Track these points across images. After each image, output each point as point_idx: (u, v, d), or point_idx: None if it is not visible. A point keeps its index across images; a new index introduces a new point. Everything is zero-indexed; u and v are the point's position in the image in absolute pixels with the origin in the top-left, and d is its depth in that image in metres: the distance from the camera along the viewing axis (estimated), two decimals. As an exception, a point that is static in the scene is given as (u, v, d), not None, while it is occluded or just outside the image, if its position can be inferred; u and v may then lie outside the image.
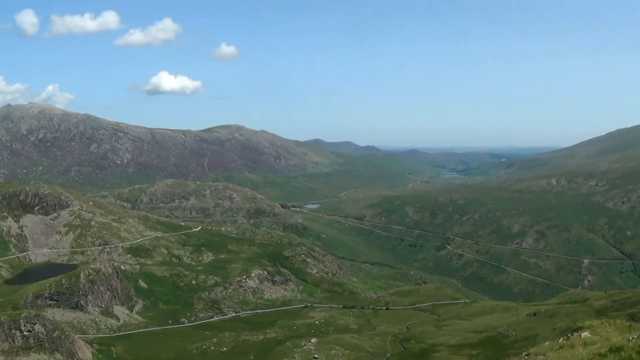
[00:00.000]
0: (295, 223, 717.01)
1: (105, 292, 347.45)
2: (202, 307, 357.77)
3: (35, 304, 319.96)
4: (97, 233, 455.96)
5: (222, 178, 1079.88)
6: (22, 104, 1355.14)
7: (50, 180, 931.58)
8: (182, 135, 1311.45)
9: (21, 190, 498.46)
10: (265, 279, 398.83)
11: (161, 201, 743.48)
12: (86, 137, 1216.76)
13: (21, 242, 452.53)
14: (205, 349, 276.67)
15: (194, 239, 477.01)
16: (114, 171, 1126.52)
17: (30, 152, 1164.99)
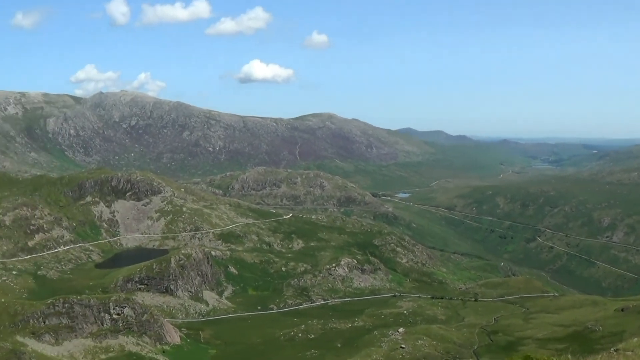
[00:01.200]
0: (386, 212, 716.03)
1: (196, 277, 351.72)
2: (291, 294, 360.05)
3: (125, 287, 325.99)
4: (188, 219, 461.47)
5: (314, 166, 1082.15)
6: (114, 92, 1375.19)
7: (142, 166, 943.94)
8: (274, 123, 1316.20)
9: (113, 176, 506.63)
10: (354, 267, 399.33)
11: (252, 188, 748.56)
12: (178, 125, 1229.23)
13: (112, 227, 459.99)
14: (292, 336, 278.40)
15: (284, 226, 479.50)
16: (205, 158, 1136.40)
17: (122, 139, 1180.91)
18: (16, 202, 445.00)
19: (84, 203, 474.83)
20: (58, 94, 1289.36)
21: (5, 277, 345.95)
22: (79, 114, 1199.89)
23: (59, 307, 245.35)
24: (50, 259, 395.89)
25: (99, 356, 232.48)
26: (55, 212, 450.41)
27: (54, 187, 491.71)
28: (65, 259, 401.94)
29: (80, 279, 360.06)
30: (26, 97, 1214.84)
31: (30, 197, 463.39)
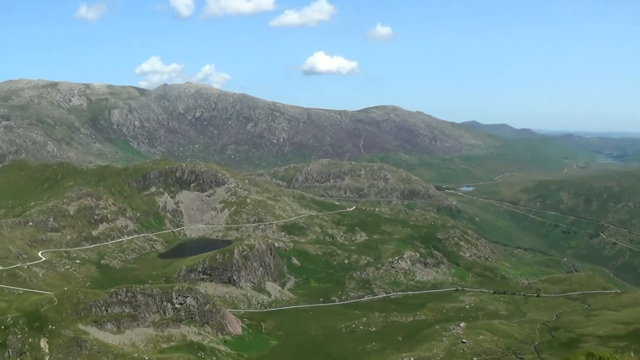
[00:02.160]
0: (450, 205, 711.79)
1: (258, 268, 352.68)
2: (353, 287, 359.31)
3: (188, 277, 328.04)
4: (252, 210, 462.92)
5: (377, 159, 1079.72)
6: (179, 84, 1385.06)
7: (207, 158, 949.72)
8: (338, 115, 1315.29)
9: (178, 167, 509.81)
10: (417, 260, 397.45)
11: (316, 180, 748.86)
12: (243, 116, 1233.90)
13: (176, 218, 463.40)
14: (354, 328, 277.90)
15: (347, 219, 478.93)
16: (270, 150, 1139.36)
17: (187, 131, 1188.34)
18: (80, 192, 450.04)
19: (148, 193, 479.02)
20: (122, 86, 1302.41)
21: (69, 266, 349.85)
22: (143, 106, 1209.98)
23: (122, 296, 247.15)
24: (113, 249, 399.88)
25: (161, 345, 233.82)
26: (120, 203, 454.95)
27: (118, 178, 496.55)
28: (129, 249, 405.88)
29: (144, 269, 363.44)
30: (91, 89, 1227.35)
31: (94, 187, 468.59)
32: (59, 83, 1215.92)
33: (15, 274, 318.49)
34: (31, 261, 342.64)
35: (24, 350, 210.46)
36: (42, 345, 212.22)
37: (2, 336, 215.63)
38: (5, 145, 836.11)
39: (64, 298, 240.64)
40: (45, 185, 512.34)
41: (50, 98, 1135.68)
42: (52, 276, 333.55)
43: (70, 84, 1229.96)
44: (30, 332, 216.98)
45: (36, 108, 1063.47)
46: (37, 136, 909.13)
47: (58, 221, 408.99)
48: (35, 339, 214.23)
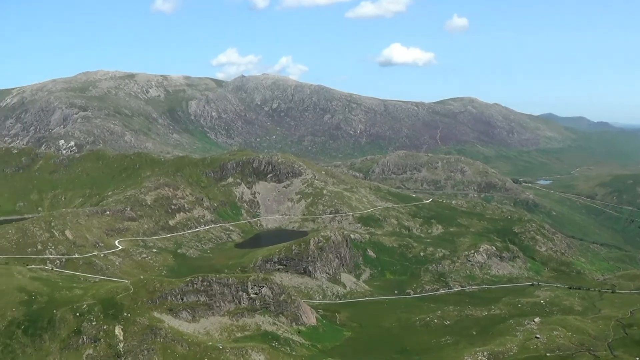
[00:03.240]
0: (526, 199, 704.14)
1: (334, 259, 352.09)
2: (429, 280, 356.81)
3: (263, 267, 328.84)
4: (328, 201, 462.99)
5: (454, 151, 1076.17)
6: (256, 75, 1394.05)
7: (284, 149, 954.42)
8: (414, 107, 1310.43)
9: (255, 158, 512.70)
10: (493, 254, 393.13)
11: (393, 172, 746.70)
12: (320, 108, 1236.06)
13: (253, 208, 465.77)
14: (428, 322, 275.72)
15: (424, 211, 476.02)
16: (346, 141, 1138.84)
17: (263, 122, 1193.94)
18: (158, 182, 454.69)
19: (226, 184, 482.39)
20: (200, 77, 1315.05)
21: (146, 255, 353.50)
22: (220, 97, 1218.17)
23: (198, 285, 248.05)
24: (190, 238, 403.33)
25: (235, 334, 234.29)
26: (197, 193, 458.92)
27: (195, 168, 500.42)
28: (206, 238, 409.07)
29: (220, 258, 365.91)
30: (168, 80, 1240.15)
31: (172, 177, 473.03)
32: (136, 74, 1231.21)
33: (92, 262, 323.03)
34: (108, 250, 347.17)
35: (99, 337, 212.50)
36: (116, 332, 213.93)
37: (77, 323, 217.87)
38: (83, 135, 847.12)
39: (139, 286, 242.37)
40: (123, 175, 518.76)
41: (128, 89, 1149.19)
42: (129, 264, 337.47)
43: (148, 75, 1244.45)
44: (105, 320, 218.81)
45: (114, 99, 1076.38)
46: (115, 127, 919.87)
47: (135, 210, 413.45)
48: (110, 326, 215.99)
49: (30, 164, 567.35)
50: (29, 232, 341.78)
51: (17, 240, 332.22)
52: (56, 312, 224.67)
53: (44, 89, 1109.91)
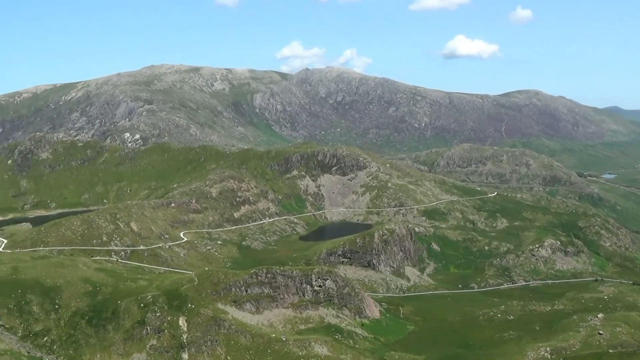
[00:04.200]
0: (591, 193, 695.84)
1: (398, 252, 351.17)
2: (493, 274, 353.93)
3: (328, 260, 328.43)
4: (393, 194, 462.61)
5: (519, 144, 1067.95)
6: (320, 68, 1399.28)
7: (348, 142, 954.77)
8: (479, 99, 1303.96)
9: (319, 150, 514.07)
10: (557, 249, 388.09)
11: (458, 165, 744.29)
12: (384, 101, 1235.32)
13: (318, 201, 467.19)
14: (492, 316, 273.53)
15: (489, 205, 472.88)
16: (411, 134, 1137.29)
17: (328, 114, 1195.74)
18: (223, 175, 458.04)
19: (290, 177, 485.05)
20: (264, 70, 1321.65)
21: (210, 247, 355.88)
22: (285, 90, 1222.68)
23: (262, 277, 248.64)
24: (255, 230, 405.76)
25: (298, 326, 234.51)
26: (262, 185, 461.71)
27: (260, 161, 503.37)
28: (270, 231, 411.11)
29: (284, 251, 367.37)
30: (233, 74, 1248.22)
31: (237, 170, 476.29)
32: (201, 68, 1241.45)
33: (157, 254, 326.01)
34: (173, 241, 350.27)
35: (163, 328, 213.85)
36: (180, 323, 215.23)
37: (141, 314, 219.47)
38: (149, 128, 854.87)
39: (204, 278, 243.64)
40: (188, 167, 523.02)
41: (193, 82, 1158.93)
42: (193, 256, 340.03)
43: (212, 68, 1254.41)
44: (170, 311, 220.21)
45: (178, 92, 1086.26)
46: (180, 119, 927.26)
47: (200, 203, 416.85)
48: (174, 317, 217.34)
49: (95, 157, 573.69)
50: (94, 224, 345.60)
51: (82, 232, 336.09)
52: (120, 303, 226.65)
53: (109, 83, 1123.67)
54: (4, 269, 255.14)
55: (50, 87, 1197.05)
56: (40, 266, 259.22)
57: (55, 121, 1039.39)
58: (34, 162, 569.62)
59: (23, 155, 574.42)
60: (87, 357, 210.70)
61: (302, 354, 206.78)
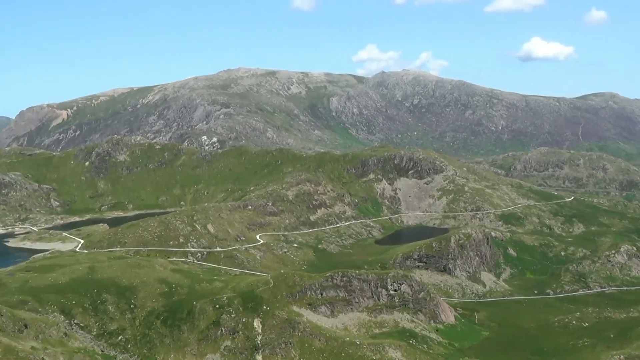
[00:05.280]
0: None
1: (474, 257, 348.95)
2: (569, 280, 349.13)
3: (403, 264, 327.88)
4: (469, 199, 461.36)
5: (596, 147, 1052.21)
6: (396, 71, 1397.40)
7: (425, 145, 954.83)
8: (556, 102, 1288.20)
9: (396, 154, 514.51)
10: (633, 255, 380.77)
11: (534, 169, 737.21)
12: (461, 104, 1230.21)
13: (394, 204, 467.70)
14: (566, 323, 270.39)
15: (565, 209, 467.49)
16: (488, 138, 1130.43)
17: (404, 118, 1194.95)
18: (299, 178, 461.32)
19: (367, 180, 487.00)
20: (340, 74, 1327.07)
21: (286, 249, 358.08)
22: (361, 93, 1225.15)
23: (337, 280, 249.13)
24: (331, 233, 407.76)
25: (373, 330, 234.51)
26: (338, 189, 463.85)
27: (337, 164, 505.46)
28: (346, 234, 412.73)
29: (360, 254, 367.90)
30: (309, 77, 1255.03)
31: (313, 173, 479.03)
32: (277, 72, 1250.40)
33: (233, 256, 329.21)
34: (249, 244, 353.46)
35: (237, 329, 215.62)
36: (255, 325, 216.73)
37: (216, 315, 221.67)
38: (226, 131, 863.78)
39: (279, 280, 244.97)
40: (265, 170, 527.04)
41: (269, 86, 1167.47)
42: (269, 258, 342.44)
43: (289, 72, 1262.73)
44: (245, 312, 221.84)
45: (255, 96, 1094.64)
46: (257, 123, 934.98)
47: (277, 205, 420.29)
48: (249, 318, 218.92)
49: (173, 160, 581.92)
50: (172, 225, 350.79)
51: (159, 233, 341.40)
52: (196, 303, 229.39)
53: (186, 87, 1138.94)
54: (81, 268, 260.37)
55: (128, 90, 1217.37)
56: (117, 266, 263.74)
57: (133, 124, 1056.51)
58: (111, 164, 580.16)
59: (100, 158, 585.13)
60: (161, 357, 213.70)
61: (376, 358, 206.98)
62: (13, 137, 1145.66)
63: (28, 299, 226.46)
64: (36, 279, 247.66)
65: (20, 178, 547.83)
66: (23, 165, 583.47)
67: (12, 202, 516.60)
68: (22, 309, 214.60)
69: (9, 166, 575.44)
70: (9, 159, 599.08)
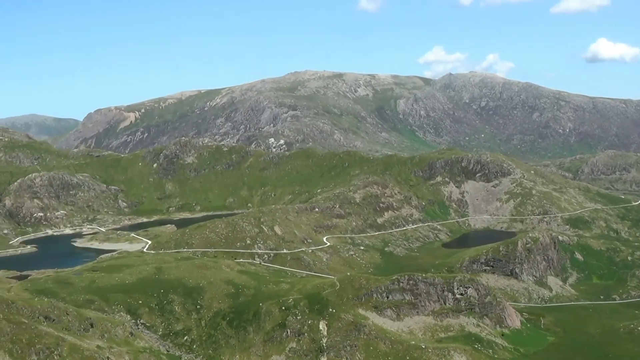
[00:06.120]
0: None
1: (541, 261, 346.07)
2: (635, 285, 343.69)
3: (470, 268, 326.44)
4: (537, 202, 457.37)
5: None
6: (463, 73, 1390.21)
7: (492, 148, 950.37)
8: (622, 104, 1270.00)
9: (463, 157, 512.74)
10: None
11: (602, 172, 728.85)
12: (528, 106, 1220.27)
13: (461, 208, 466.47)
14: (632, 329, 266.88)
15: (632, 213, 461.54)
16: (555, 140, 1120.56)
17: (472, 120, 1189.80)
18: (367, 180, 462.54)
19: (434, 183, 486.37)
20: (407, 76, 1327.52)
21: (353, 252, 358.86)
22: (428, 95, 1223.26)
23: (404, 283, 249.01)
24: (398, 236, 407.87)
25: (438, 334, 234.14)
26: (405, 191, 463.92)
27: (404, 167, 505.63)
28: (413, 237, 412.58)
29: (427, 257, 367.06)
30: (376, 79, 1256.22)
31: (380, 175, 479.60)
32: (344, 74, 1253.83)
33: (300, 258, 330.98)
34: (316, 246, 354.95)
35: (303, 331, 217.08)
36: (320, 327, 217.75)
37: (282, 317, 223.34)
38: (293, 134, 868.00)
39: (346, 282, 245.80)
40: (332, 173, 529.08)
41: (336, 88, 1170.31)
42: (336, 261, 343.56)
43: (355, 74, 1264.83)
44: (310, 314, 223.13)
45: (322, 98, 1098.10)
46: (324, 125, 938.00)
47: (344, 208, 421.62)
48: (315, 321, 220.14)
49: (240, 162, 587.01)
50: (239, 227, 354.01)
51: (226, 235, 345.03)
52: (262, 305, 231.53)
53: (253, 89, 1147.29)
54: (148, 269, 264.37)
55: (195, 93, 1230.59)
56: (184, 267, 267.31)
57: (200, 126, 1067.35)
58: (179, 166, 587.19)
59: (168, 160, 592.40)
60: (226, 358, 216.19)
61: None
62: (81, 139, 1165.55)
63: (95, 298, 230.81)
64: (103, 279, 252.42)
65: (88, 179, 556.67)
66: (91, 167, 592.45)
67: (80, 202, 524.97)
68: (88, 309, 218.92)
69: (77, 167, 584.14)
70: (77, 161, 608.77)
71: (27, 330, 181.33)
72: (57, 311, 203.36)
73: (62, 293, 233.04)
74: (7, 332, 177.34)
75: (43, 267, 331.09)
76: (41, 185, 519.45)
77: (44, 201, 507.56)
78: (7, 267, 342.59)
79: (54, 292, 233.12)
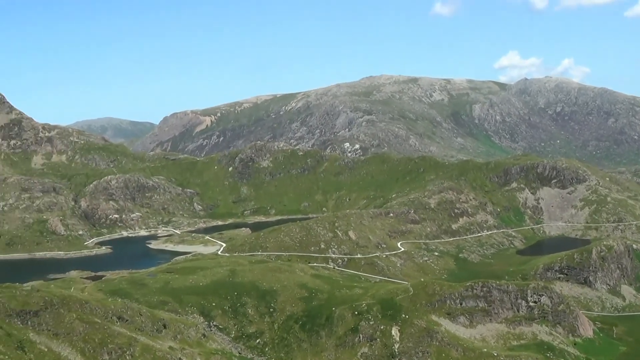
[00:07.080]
0: None
1: (615, 270, 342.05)
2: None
3: (544, 275, 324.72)
4: (612, 209, 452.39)
5: None
6: (538, 78, 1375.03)
7: (568, 154, 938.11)
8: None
9: (539, 163, 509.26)
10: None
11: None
12: (603, 111, 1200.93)
13: (536, 214, 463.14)
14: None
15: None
16: (630, 147, 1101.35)
17: (547, 126, 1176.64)
18: (442, 186, 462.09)
19: (509, 189, 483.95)
20: (482, 81, 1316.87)
21: (427, 258, 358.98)
22: (504, 100, 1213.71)
23: (477, 290, 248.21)
24: (472, 243, 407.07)
25: (511, 342, 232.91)
26: (480, 197, 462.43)
27: (479, 172, 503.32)
28: (488, 244, 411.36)
29: (501, 264, 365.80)
30: (451, 84, 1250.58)
31: (455, 181, 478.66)
32: (419, 78, 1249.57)
33: (374, 263, 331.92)
34: (390, 251, 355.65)
35: (375, 336, 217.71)
36: (393, 333, 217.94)
37: (354, 321, 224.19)
38: (368, 138, 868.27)
39: (419, 288, 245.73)
40: (407, 178, 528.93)
41: (411, 93, 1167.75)
42: (410, 266, 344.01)
43: (431, 79, 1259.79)
44: (383, 320, 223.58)
45: (397, 103, 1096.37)
46: (399, 130, 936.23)
47: (419, 213, 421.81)
48: (387, 326, 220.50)
49: (315, 166, 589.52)
50: (313, 231, 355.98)
51: (300, 239, 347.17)
52: (335, 309, 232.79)
53: (329, 94, 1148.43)
54: (222, 271, 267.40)
55: (270, 97, 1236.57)
56: (258, 270, 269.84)
57: (276, 130, 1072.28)
58: (254, 169, 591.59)
59: (244, 163, 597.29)
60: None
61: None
62: (157, 143, 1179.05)
63: (168, 299, 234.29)
64: (177, 281, 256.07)
65: (163, 182, 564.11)
66: (167, 170, 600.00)
67: (155, 205, 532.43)
68: (162, 310, 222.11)
69: (153, 170, 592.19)
70: (152, 164, 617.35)
71: (99, 330, 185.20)
72: (130, 312, 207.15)
73: (136, 294, 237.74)
74: (79, 331, 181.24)
75: (117, 268, 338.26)
76: (117, 187, 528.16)
77: (120, 203, 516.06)
78: (82, 267, 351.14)
79: (127, 292, 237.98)
